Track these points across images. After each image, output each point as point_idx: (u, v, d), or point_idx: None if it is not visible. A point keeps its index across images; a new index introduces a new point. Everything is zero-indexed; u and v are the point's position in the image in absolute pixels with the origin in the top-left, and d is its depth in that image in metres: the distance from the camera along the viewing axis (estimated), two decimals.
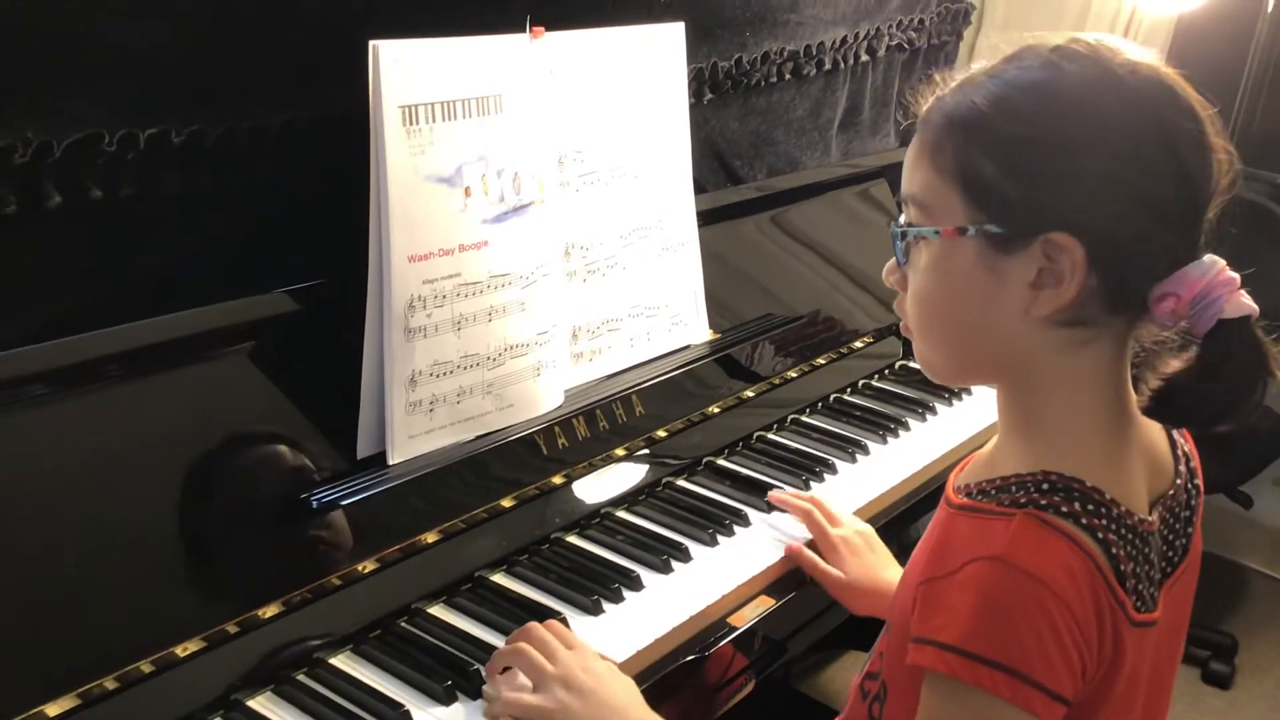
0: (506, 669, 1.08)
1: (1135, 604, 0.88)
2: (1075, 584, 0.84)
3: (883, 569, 1.28)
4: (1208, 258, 0.86)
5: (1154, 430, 0.97)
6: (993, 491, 0.90)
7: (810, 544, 1.33)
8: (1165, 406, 0.88)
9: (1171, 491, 0.95)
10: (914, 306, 0.93)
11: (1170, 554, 0.95)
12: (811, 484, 1.48)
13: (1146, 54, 0.88)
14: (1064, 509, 0.86)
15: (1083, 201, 0.83)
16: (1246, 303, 0.84)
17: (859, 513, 1.42)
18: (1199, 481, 1.00)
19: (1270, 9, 2.15)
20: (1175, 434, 0.99)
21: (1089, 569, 0.85)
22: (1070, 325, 0.87)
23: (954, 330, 0.92)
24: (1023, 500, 0.87)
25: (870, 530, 1.34)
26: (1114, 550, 0.86)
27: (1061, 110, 0.84)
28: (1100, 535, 0.86)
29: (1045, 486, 0.87)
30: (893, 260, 0.94)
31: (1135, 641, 0.88)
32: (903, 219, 0.93)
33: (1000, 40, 0.91)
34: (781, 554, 1.32)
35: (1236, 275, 0.85)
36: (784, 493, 1.41)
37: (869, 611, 1.26)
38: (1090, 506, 0.86)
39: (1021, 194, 0.84)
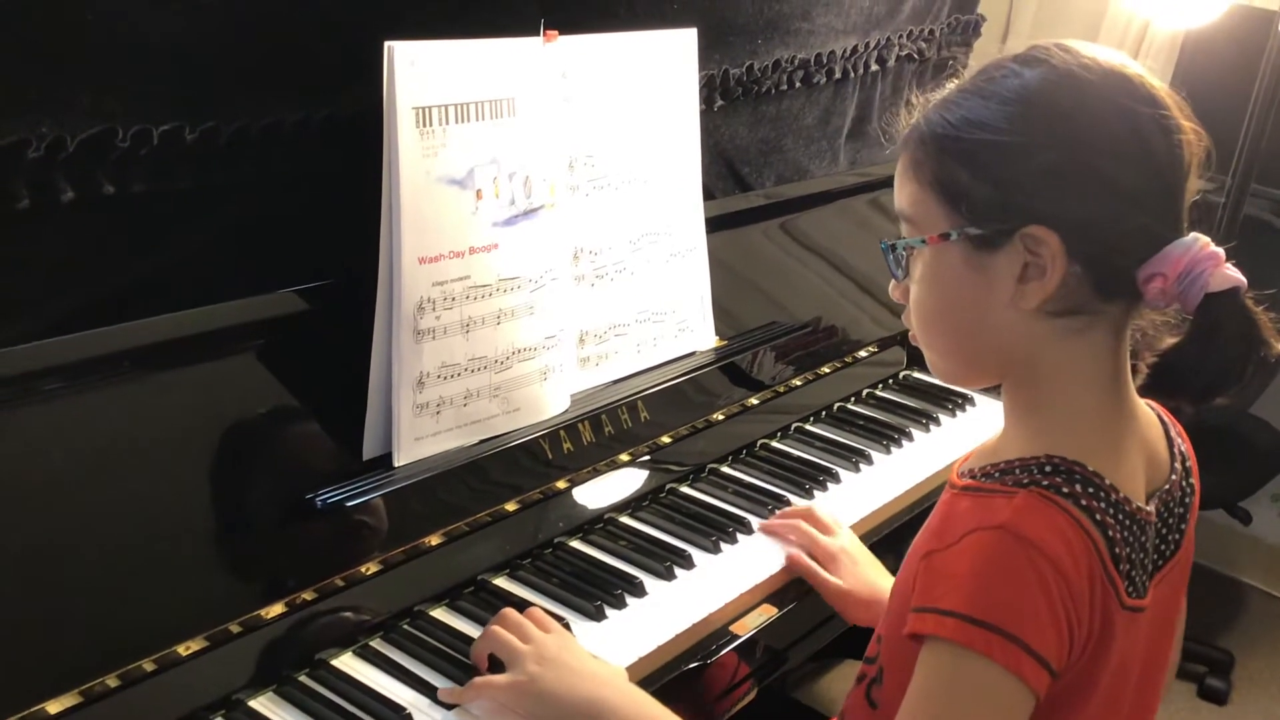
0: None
1: (1127, 588, 0.91)
2: (1073, 556, 0.87)
3: (879, 578, 1.29)
4: (1190, 235, 0.88)
5: (1152, 428, 1.00)
6: (996, 474, 0.93)
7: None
8: (1161, 379, 0.91)
9: (1167, 486, 0.98)
10: (915, 316, 0.98)
11: (1163, 547, 0.98)
12: (815, 493, 1.48)
13: (1107, 51, 0.91)
14: (1065, 489, 0.89)
15: (1051, 194, 0.87)
16: (1232, 274, 0.88)
17: (862, 523, 1.42)
18: (1194, 481, 1.03)
19: None
20: (1172, 432, 1.02)
21: (1086, 545, 0.88)
22: (1065, 314, 0.91)
23: (954, 333, 0.97)
24: (1025, 481, 0.90)
25: (858, 541, 1.35)
26: (1110, 533, 0.89)
27: (1022, 112, 0.88)
28: (1098, 517, 0.89)
29: (1048, 469, 0.91)
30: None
31: (1125, 626, 0.91)
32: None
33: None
34: (784, 563, 1.32)
35: (1220, 250, 0.88)
36: (772, 520, 1.39)
37: (867, 621, 1.26)
38: (1090, 489, 0.90)
39: (993, 195, 0.89)
